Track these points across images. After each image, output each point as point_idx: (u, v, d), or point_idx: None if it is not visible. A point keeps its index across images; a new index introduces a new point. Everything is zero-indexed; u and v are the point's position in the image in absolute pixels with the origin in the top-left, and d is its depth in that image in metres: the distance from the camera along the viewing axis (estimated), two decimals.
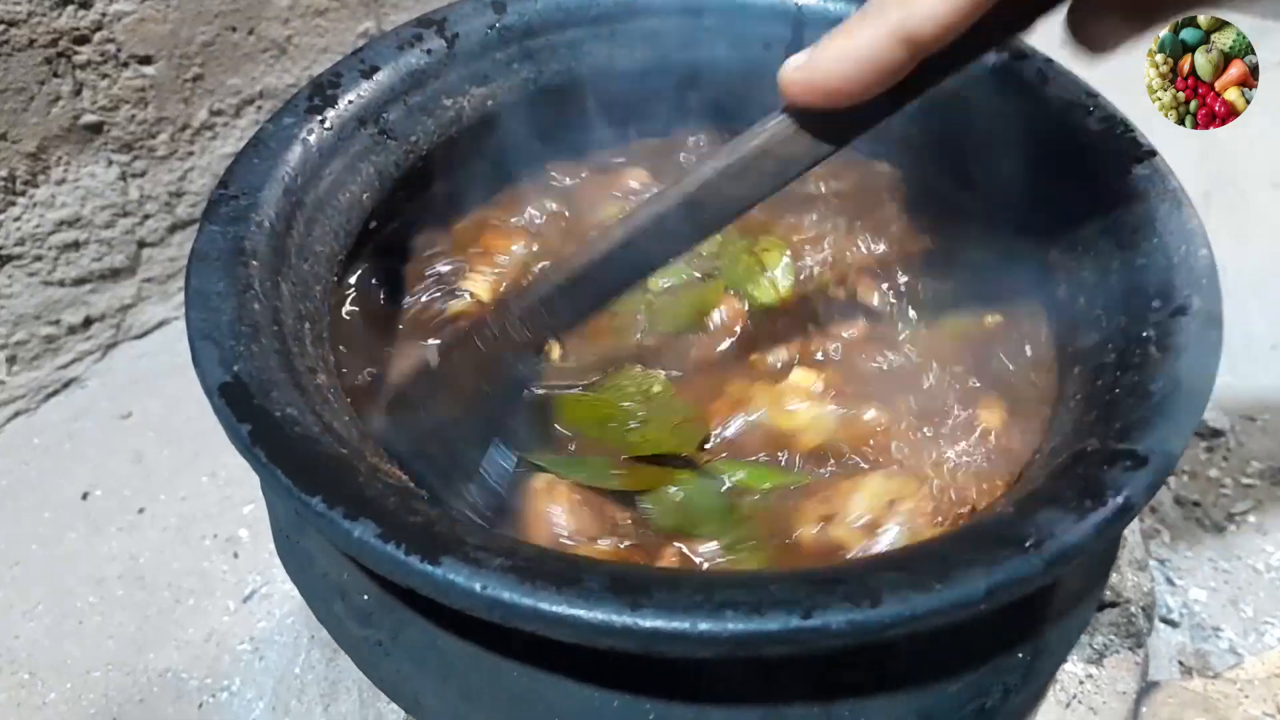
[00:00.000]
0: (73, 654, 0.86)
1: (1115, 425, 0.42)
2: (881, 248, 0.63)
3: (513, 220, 0.65)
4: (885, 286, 0.60)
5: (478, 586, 0.35)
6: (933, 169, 0.66)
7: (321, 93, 0.57)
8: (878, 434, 0.51)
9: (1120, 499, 0.38)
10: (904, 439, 0.51)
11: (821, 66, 0.41)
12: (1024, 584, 0.36)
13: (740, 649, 0.35)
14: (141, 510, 0.96)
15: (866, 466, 0.50)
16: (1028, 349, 0.56)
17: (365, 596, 0.46)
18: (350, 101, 0.58)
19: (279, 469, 0.39)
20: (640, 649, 0.35)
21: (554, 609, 0.35)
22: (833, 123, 0.44)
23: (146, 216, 1.06)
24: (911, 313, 0.59)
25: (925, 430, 0.52)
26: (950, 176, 0.65)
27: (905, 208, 0.66)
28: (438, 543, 0.36)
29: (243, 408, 0.41)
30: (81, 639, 0.87)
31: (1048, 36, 0.52)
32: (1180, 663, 0.84)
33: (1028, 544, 0.37)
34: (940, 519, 0.47)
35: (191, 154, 1.06)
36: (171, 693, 0.84)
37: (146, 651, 0.87)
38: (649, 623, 0.34)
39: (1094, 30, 0.43)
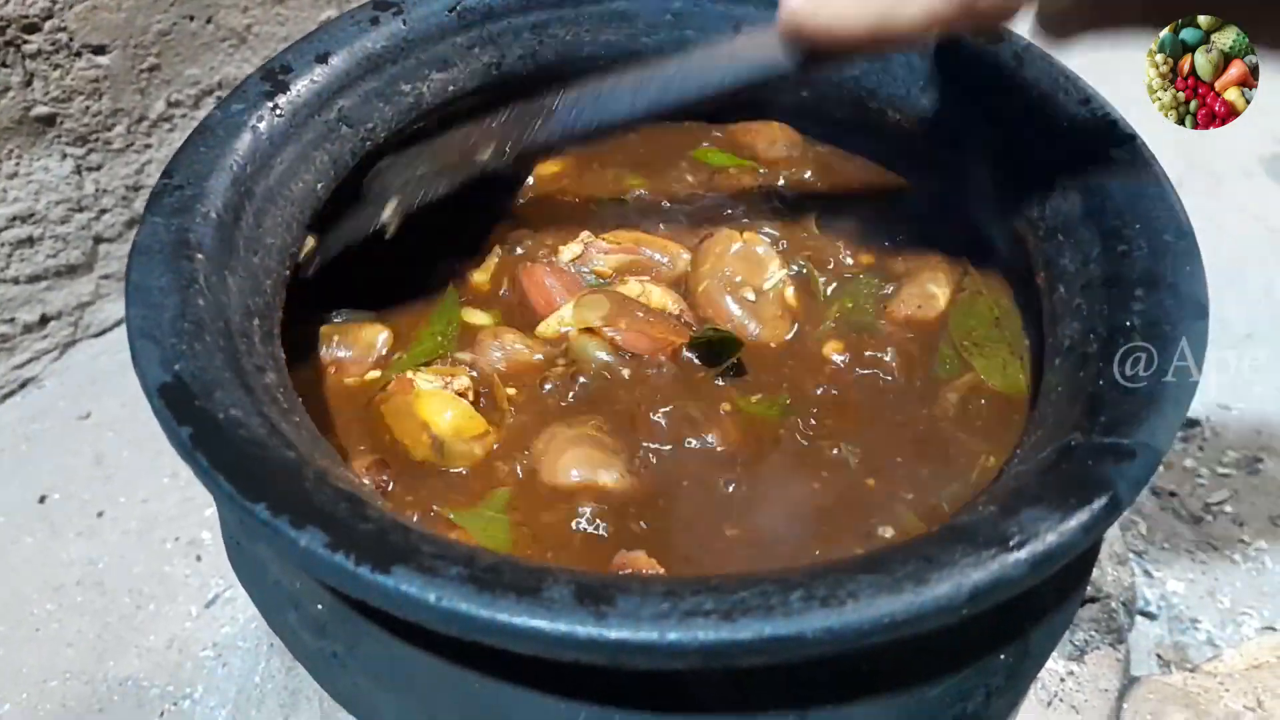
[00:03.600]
0: (29, 663, 0.84)
1: (1100, 419, 0.40)
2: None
3: None
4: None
5: (432, 597, 0.33)
6: (905, 153, 0.64)
7: (273, 78, 0.55)
8: None
9: (1107, 496, 0.37)
10: None
11: (828, 10, 0.44)
12: (1008, 586, 0.35)
13: (711, 659, 0.33)
14: (101, 513, 0.94)
15: None
16: None
17: (319, 606, 0.43)
18: (303, 87, 0.55)
19: (221, 475, 0.36)
20: (607, 661, 0.33)
21: (514, 620, 0.33)
22: (813, 55, 0.47)
23: (103, 211, 1.03)
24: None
25: None
26: (923, 161, 0.63)
27: (877, 195, 0.64)
28: (390, 551, 0.34)
29: (184, 410, 0.39)
30: (38, 647, 0.85)
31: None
32: (1159, 655, 0.83)
33: (1011, 544, 0.35)
34: None
35: (149, 146, 1.03)
36: (132, 701, 0.82)
37: (106, 659, 0.84)
38: (614, 634, 0.32)
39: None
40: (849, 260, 0.60)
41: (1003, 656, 0.44)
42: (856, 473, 0.50)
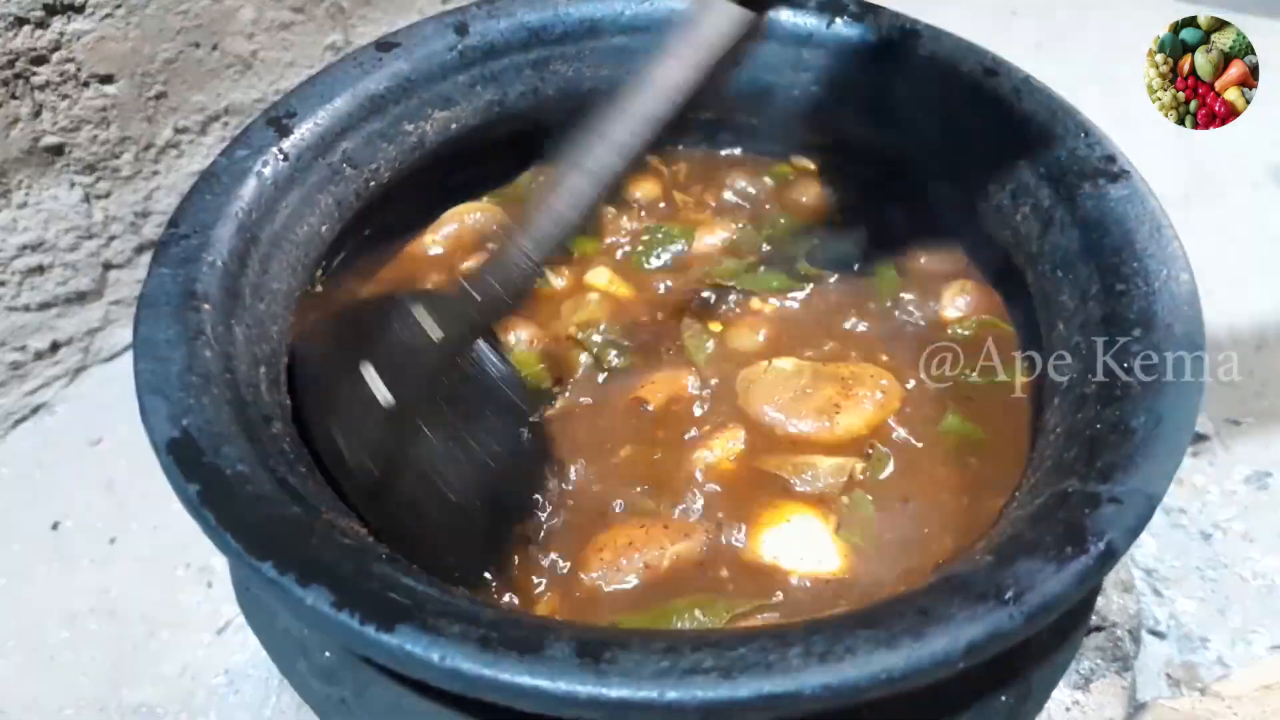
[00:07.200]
0: (44, 692, 0.84)
1: (1096, 465, 0.40)
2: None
3: None
4: None
5: (435, 656, 0.33)
6: (907, 187, 0.64)
7: (278, 123, 0.55)
8: None
9: (1102, 545, 0.37)
10: None
11: None
12: (1003, 639, 0.35)
13: (711, 717, 0.33)
14: (113, 541, 0.94)
15: None
16: None
17: (327, 654, 0.44)
18: (307, 131, 0.56)
19: (228, 533, 0.37)
20: (608, 718, 0.34)
21: (516, 680, 0.33)
22: None
23: (112, 238, 1.03)
24: None
25: None
26: (923, 194, 0.63)
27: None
28: (394, 610, 0.35)
29: (191, 466, 0.39)
30: (53, 676, 0.85)
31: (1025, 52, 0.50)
32: (1168, 675, 0.83)
33: (1007, 597, 0.35)
34: None
35: (157, 173, 1.04)
36: None
37: (120, 687, 0.85)
38: (615, 693, 0.33)
39: None
40: None
41: (1004, 698, 0.44)
42: None
